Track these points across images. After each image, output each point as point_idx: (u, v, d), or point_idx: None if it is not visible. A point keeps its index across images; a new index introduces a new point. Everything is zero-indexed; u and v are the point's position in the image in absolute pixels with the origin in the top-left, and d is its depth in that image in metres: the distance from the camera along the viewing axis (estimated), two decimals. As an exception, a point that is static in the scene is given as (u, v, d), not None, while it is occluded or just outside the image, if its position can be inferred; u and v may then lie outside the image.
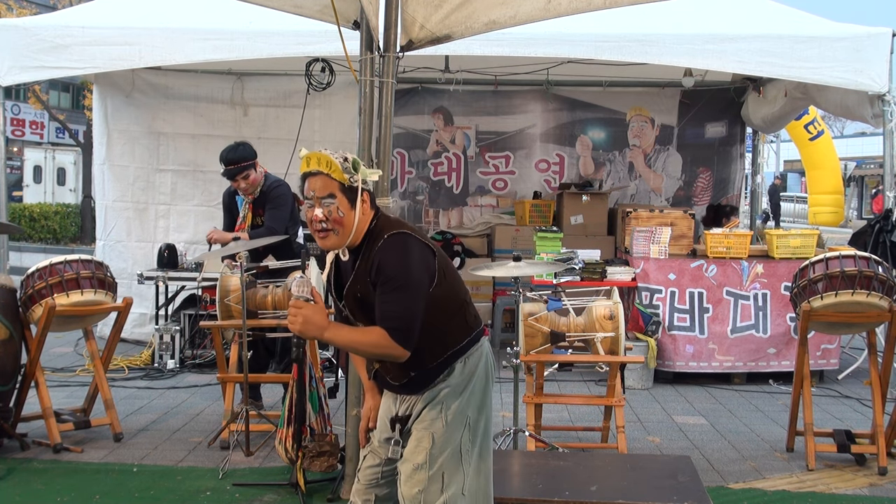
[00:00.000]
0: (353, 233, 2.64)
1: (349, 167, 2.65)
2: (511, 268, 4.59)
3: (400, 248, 2.59)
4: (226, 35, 6.00)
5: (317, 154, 2.65)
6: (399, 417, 2.74)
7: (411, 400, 2.73)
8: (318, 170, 2.63)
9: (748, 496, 4.34)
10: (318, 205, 2.61)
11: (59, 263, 4.99)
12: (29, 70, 6.17)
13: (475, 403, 2.73)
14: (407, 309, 2.56)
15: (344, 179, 2.63)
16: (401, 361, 2.59)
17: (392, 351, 2.56)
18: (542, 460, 3.36)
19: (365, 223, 2.68)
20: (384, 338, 2.54)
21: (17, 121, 30.76)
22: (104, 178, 8.04)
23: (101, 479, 4.49)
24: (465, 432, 2.69)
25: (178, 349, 7.08)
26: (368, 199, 2.70)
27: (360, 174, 2.66)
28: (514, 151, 9.10)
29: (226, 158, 5.57)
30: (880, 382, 4.77)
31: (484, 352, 2.78)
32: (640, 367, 6.51)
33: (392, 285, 2.55)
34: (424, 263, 2.62)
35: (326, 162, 2.63)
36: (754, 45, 6.01)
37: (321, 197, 2.61)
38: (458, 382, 2.70)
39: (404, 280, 2.56)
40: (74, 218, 19.35)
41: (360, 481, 2.85)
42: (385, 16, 4.03)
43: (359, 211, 2.65)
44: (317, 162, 2.64)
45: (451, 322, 2.70)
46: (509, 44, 5.90)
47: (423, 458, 2.65)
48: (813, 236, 6.80)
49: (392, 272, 2.56)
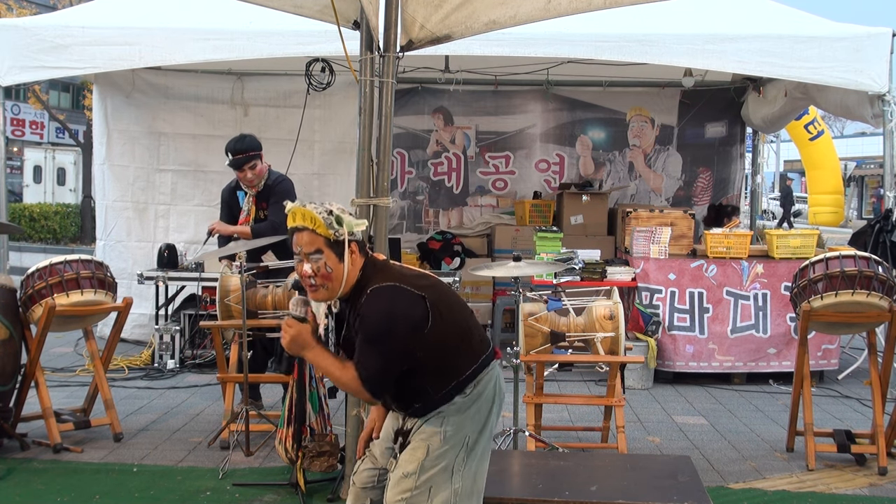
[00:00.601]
0: (342, 285, 2.68)
1: (332, 222, 2.66)
2: (511, 268, 4.59)
3: (382, 302, 2.61)
4: (226, 35, 6.00)
5: (301, 209, 2.66)
6: (403, 431, 2.76)
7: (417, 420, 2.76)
8: (304, 225, 2.65)
9: (748, 496, 4.34)
10: (306, 260, 2.66)
11: (59, 263, 4.99)
12: (29, 70, 6.17)
13: (477, 425, 2.73)
14: (378, 363, 2.60)
15: (329, 235, 2.65)
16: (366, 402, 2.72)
17: (360, 395, 2.66)
18: (542, 460, 3.36)
19: (355, 273, 2.70)
20: (355, 381, 2.61)
21: (17, 121, 30.78)
22: (104, 178, 8.04)
23: (101, 479, 4.49)
24: (462, 452, 2.69)
25: (178, 349, 7.08)
26: (357, 248, 2.71)
27: (345, 227, 2.67)
28: (514, 151, 9.10)
29: (233, 149, 5.57)
30: (880, 382, 4.77)
31: (494, 376, 2.78)
32: (640, 367, 6.51)
33: (369, 339, 2.59)
34: (407, 317, 2.61)
35: (311, 218, 2.64)
36: (754, 45, 6.01)
37: (308, 253, 2.65)
38: (463, 402, 2.70)
39: (380, 335, 2.59)
40: (74, 218, 19.36)
41: (356, 484, 2.85)
42: (385, 16, 4.02)
43: (347, 263, 2.67)
44: (301, 217, 2.65)
45: (453, 355, 2.71)
46: (509, 44, 5.90)
47: (414, 468, 2.65)
48: (813, 236, 6.80)
49: (370, 326, 2.59)
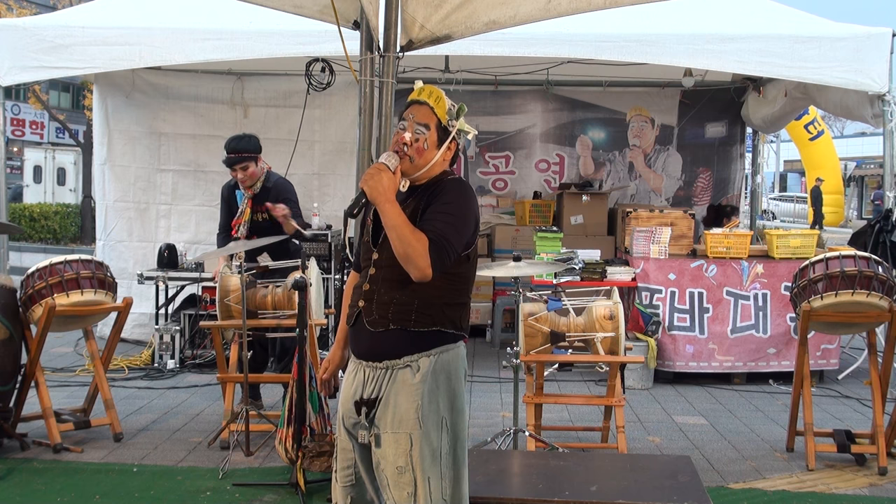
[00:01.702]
0: (424, 169, 2.68)
1: (452, 111, 2.72)
2: (511, 268, 4.59)
3: (465, 187, 2.69)
4: (226, 35, 6.00)
5: (431, 87, 2.73)
6: (365, 401, 2.66)
7: (378, 377, 2.64)
8: (426, 100, 2.69)
9: (748, 496, 4.34)
10: (410, 129, 2.66)
11: (59, 263, 4.98)
12: (29, 70, 6.17)
13: (448, 403, 2.66)
14: (453, 231, 2.57)
15: (443, 118, 2.69)
16: (415, 277, 2.52)
17: (420, 260, 2.49)
18: (542, 460, 3.36)
19: (439, 168, 2.72)
20: (423, 243, 2.51)
21: (17, 121, 30.79)
22: (105, 178, 8.04)
23: (101, 479, 4.49)
24: (444, 434, 2.64)
25: (178, 349, 7.08)
26: (454, 151, 2.76)
27: (458, 123, 2.72)
28: (514, 151, 9.10)
29: (229, 146, 5.57)
30: (880, 382, 4.77)
31: (461, 354, 2.73)
32: (640, 367, 6.51)
33: (448, 208, 2.59)
34: (476, 218, 2.69)
35: (437, 96, 2.70)
36: (754, 45, 6.01)
37: (418, 122, 2.67)
38: (432, 381, 2.62)
39: (461, 210, 2.61)
40: (74, 218, 19.36)
41: (339, 482, 2.80)
42: (385, 16, 4.02)
43: (441, 154, 2.70)
44: (428, 94, 2.71)
45: (452, 300, 2.67)
46: (509, 44, 5.90)
47: (405, 461, 2.59)
48: (813, 236, 6.80)
49: (453, 198, 2.61)
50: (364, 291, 2.69)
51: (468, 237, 2.63)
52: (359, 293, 2.73)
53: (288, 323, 5.11)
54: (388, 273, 2.64)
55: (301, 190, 6.75)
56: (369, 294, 2.67)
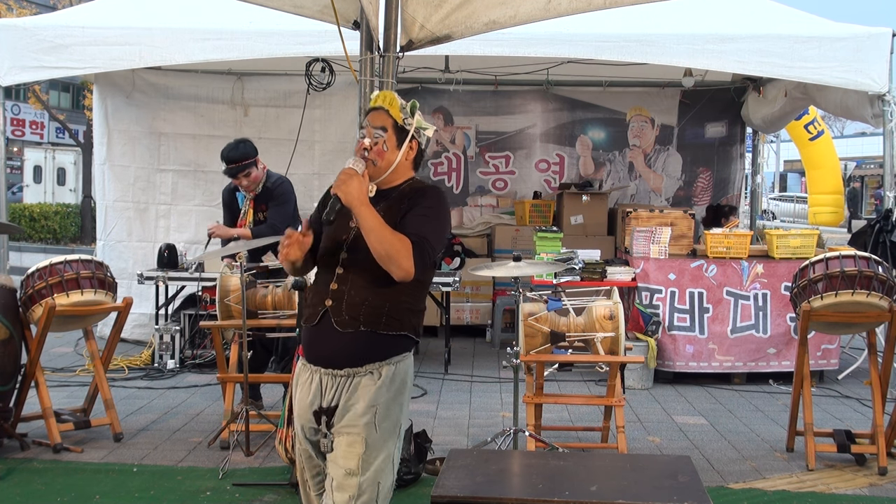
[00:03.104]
0: (388, 172, 2.69)
1: (406, 108, 2.72)
2: (511, 268, 4.59)
3: (445, 199, 2.74)
4: (226, 35, 6.00)
5: (384, 92, 2.76)
6: (325, 409, 2.62)
7: (338, 385, 2.61)
8: (381, 105, 2.71)
9: (748, 496, 4.34)
10: (368, 134, 2.68)
11: (59, 263, 4.98)
12: (29, 70, 6.18)
13: (402, 411, 2.67)
14: (434, 234, 2.61)
15: (398, 118, 2.69)
16: (398, 276, 2.51)
17: (405, 260, 2.49)
18: (542, 460, 3.35)
19: (403, 171, 2.73)
20: (406, 244, 2.51)
21: (17, 121, 30.79)
22: (104, 178, 8.04)
23: (101, 479, 4.48)
24: (398, 442, 2.66)
25: (178, 349, 7.08)
26: (416, 150, 2.77)
27: (414, 121, 2.72)
28: (514, 151, 9.10)
29: (227, 157, 5.58)
30: (880, 382, 4.77)
31: (411, 361, 2.74)
32: (640, 367, 6.51)
33: (429, 212, 2.63)
34: (449, 228, 2.79)
35: (390, 99, 2.71)
36: (754, 45, 6.01)
37: (375, 127, 2.68)
38: (390, 388, 2.61)
39: (440, 216, 2.68)
40: (74, 218, 19.37)
41: (312, 490, 2.77)
42: (385, 16, 4.02)
43: (402, 154, 2.71)
44: (382, 99, 2.72)
45: (415, 306, 2.69)
46: (509, 44, 5.90)
47: (356, 465, 2.56)
48: (813, 236, 6.80)
49: (434, 203, 2.66)
50: (332, 291, 2.62)
51: (444, 243, 2.71)
52: (322, 292, 2.66)
53: (288, 323, 5.11)
54: (359, 274, 2.61)
55: (301, 190, 6.75)
56: (338, 294, 2.62)
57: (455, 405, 6.08)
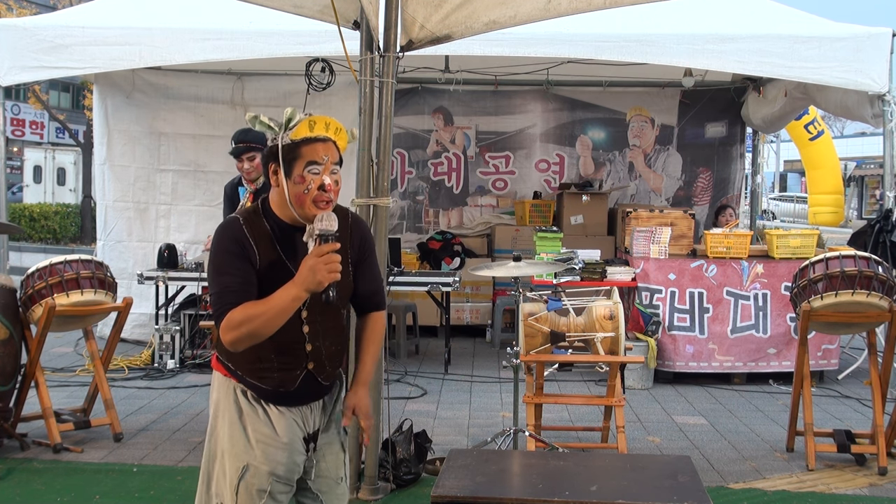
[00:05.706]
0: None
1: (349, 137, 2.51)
2: (511, 268, 4.59)
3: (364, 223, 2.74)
4: (226, 35, 6.00)
5: (328, 119, 2.42)
6: (312, 434, 2.58)
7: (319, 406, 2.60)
8: (330, 137, 2.41)
9: (748, 496, 4.34)
10: (326, 172, 2.37)
11: (59, 263, 4.98)
12: (29, 70, 6.18)
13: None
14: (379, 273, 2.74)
15: (344, 149, 2.48)
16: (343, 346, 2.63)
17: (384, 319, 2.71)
18: (542, 460, 3.35)
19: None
20: (382, 314, 2.68)
21: (17, 121, 30.78)
22: (105, 178, 8.05)
23: (101, 479, 4.49)
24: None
25: (178, 349, 7.08)
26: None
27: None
28: (514, 151, 9.11)
29: (237, 137, 5.61)
30: (880, 382, 4.77)
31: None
32: (640, 367, 6.51)
33: (373, 255, 2.66)
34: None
35: (336, 128, 2.43)
36: (754, 45, 6.01)
37: (334, 162, 2.40)
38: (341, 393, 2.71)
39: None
40: (74, 218, 19.37)
41: None
42: (385, 16, 4.03)
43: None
44: (335, 130, 2.42)
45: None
46: (509, 44, 5.90)
47: (343, 471, 2.68)
48: (813, 236, 6.80)
49: (373, 245, 2.67)
50: (309, 352, 2.49)
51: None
52: (295, 355, 2.48)
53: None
54: (324, 324, 2.52)
55: (301, 189, 6.74)
56: (315, 353, 2.50)
57: (455, 405, 6.08)
